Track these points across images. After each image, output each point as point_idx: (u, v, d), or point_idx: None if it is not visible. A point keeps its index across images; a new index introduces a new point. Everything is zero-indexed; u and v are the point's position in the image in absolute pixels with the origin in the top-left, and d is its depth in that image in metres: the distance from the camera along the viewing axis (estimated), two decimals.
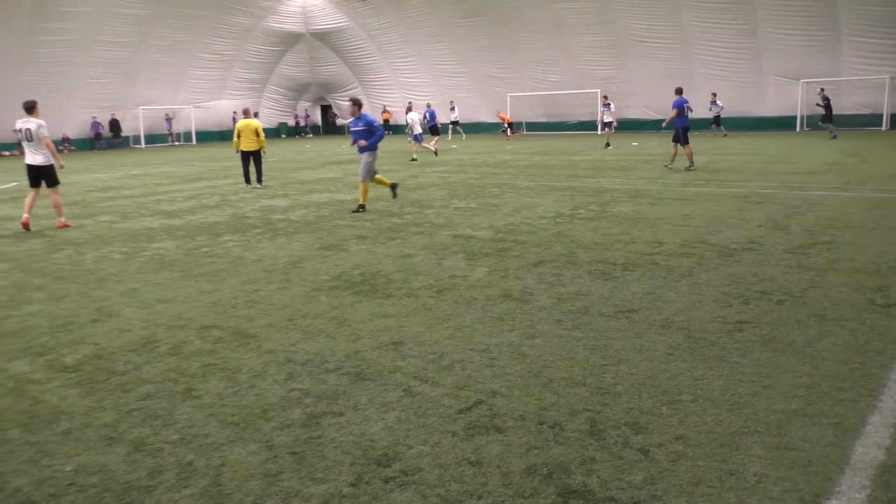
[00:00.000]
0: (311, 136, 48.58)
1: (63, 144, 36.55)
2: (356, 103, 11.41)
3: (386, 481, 3.05)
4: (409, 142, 24.32)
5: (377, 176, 11.54)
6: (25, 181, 11.27)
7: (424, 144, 24.10)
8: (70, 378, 4.45)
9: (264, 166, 17.13)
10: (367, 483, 3.04)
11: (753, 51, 31.38)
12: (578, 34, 35.28)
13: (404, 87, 43.65)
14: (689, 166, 16.12)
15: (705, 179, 14.11)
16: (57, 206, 11.05)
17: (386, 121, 42.54)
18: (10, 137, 34.87)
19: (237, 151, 15.96)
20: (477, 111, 41.48)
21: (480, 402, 3.84)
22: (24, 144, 10.85)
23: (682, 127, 16.23)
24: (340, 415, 3.74)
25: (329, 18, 43.40)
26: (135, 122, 39.97)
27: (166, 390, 4.19)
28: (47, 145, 10.79)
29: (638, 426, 3.47)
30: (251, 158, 15.94)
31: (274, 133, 47.31)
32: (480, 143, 31.36)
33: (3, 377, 4.50)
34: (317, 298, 6.12)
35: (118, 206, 13.23)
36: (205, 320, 5.59)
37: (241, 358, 4.69)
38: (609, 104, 26.98)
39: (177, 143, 42.36)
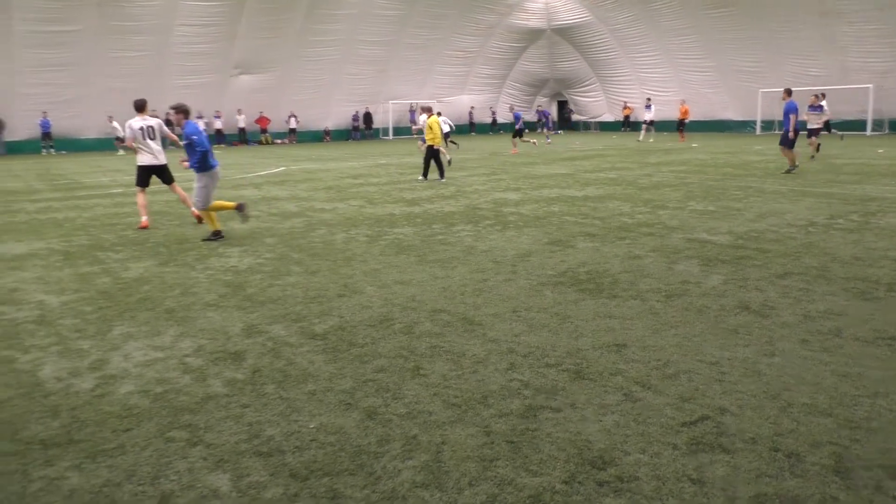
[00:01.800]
0: (543, 132, 48.83)
1: (326, 135, 40.75)
2: (179, 110, 9.29)
3: (600, 484, 3.00)
4: (420, 145, 23.17)
5: (216, 202, 9.48)
6: (297, 166, 12.59)
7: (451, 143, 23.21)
8: (318, 345, 4.95)
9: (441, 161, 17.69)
10: (580, 483, 3.01)
11: None
12: (849, 23, 31.48)
13: (643, 83, 42.22)
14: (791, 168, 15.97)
15: None
16: (187, 199, 10.89)
17: (626, 117, 41.54)
18: (280, 128, 39.63)
19: (425, 148, 16.71)
20: (724, 108, 38.86)
21: (706, 417, 3.61)
22: (145, 143, 10.45)
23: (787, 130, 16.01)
24: (558, 411, 3.74)
25: (571, 14, 43.28)
26: (384, 116, 43.19)
27: (397, 366, 4.49)
28: (175, 140, 10.83)
29: None
30: (435, 153, 16.59)
31: (510, 127, 48.30)
32: (723, 143, 29.34)
33: (264, 338, 5.14)
34: (542, 292, 6.17)
35: (366, 192, 14.41)
36: (435, 304, 5.90)
37: (466, 343, 4.88)
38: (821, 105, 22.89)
39: (418, 135, 45.01)
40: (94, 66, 31.95)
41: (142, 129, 10.40)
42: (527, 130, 28.84)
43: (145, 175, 10.59)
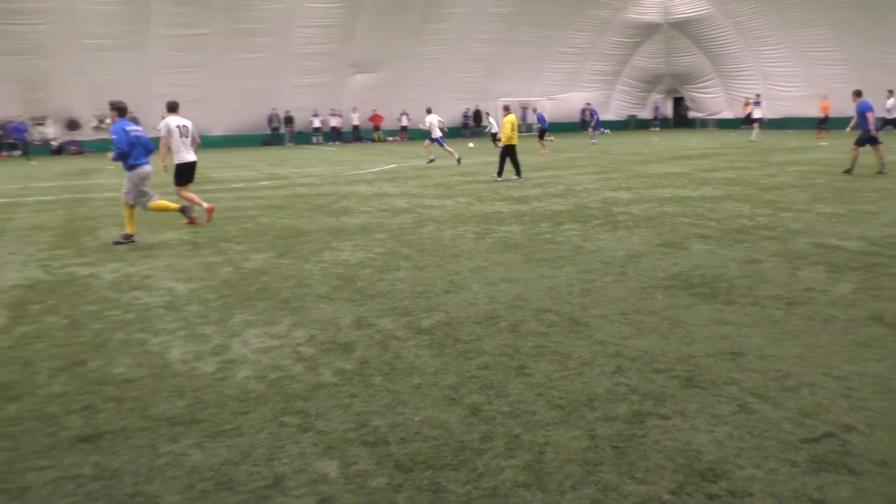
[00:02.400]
0: (658, 129, 47.33)
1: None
2: (113, 107, 9.57)
3: (710, 497, 2.88)
4: (425, 144, 22.55)
5: (156, 202, 9.71)
6: (407, 163, 12.82)
7: (447, 148, 21.75)
8: (424, 339, 5.03)
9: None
10: (688, 494, 2.90)
11: None
12: None
13: (768, 77, 40.07)
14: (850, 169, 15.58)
15: None
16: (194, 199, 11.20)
17: (749, 115, 39.54)
18: (393, 125, 40.51)
19: (502, 146, 16.47)
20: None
21: (831, 434, 3.39)
22: (182, 141, 10.98)
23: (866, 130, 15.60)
24: (666, 418, 3.62)
25: (690, 6, 41.67)
26: (494, 113, 43.20)
27: (502, 364, 4.49)
28: (198, 143, 11.48)
29: None
30: (511, 151, 16.36)
31: (622, 126, 47.23)
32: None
33: (373, 331, 5.27)
34: (652, 295, 5.99)
35: (474, 190, 14.48)
36: (541, 303, 5.85)
37: (572, 344, 4.81)
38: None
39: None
40: (220, 67, 33.85)
41: (178, 127, 11.01)
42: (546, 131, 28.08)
43: (187, 172, 11.26)
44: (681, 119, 49.46)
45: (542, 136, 27.25)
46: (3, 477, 3.24)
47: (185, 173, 11.24)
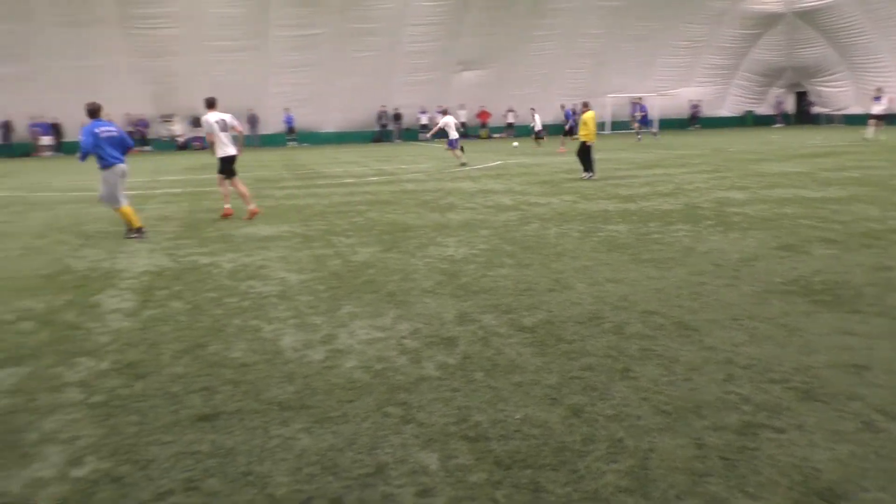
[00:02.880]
0: (780, 125, 44.82)
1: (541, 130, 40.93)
2: (87, 108, 9.76)
3: None
4: (447, 148, 21.47)
5: (126, 208, 9.81)
6: (513, 160, 12.80)
7: (457, 153, 20.68)
8: (526, 337, 5.01)
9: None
10: None
11: None
12: None
13: None
14: None
15: None
16: (245, 195, 11.51)
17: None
18: (499, 122, 40.47)
19: (587, 144, 16.14)
20: None
21: None
22: (221, 135, 11.19)
23: None
24: (781, 431, 3.44)
25: None
26: (601, 110, 42.27)
27: (605, 366, 4.41)
28: (240, 133, 11.62)
29: None
30: (587, 149, 15.99)
31: (737, 122, 45.12)
32: None
33: (475, 327, 5.30)
34: (767, 301, 5.69)
35: (580, 188, 14.26)
36: (648, 305, 5.69)
37: (680, 349, 4.65)
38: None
39: (643, 132, 43.21)
40: (333, 66, 34.97)
41: (217, 122, 11.18)
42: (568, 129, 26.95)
43: (228, 165, 11.35)
44: (804, 115, 46.59)
45: (569, 133, 26.60)
46: (131, 449, 3.50)
47: (226, 165, 11.37)
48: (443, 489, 3.06)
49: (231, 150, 11.36)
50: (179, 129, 35.90)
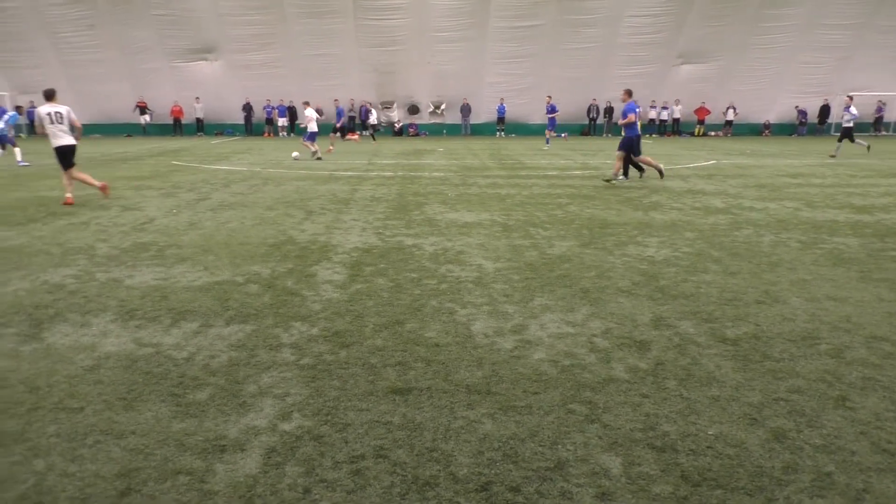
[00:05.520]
0: None
1: (765, 129, 37.90)
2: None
3: None
4: (304, 142, 21.73)
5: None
6: (729, 160, 11.95)
7: (307, 144, 21.34)
8: (727, 350, 4.69)
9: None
10: None
11: None
12: None
13: None
14: None
15: None
16: (79, 180, 11.73)
17: None
18: (717, 119, 38.05)
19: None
20: None
21: None
22: (50, 128, 11.28)
23: None
24: None
25: None
26: (836, 109, 38.08)
27: (818, 391, 4.00)
28: (78, 126, 11.74)
29: None
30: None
31: None
32: None
33: (671, 332, 5.06)
34: None
35: (805, 194, 13.01)
36: (876, 330, 5.07)
37: None
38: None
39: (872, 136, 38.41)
40: (549, 57, 34.94)
41: (48, 114, 11.26)
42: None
43: (61, 156, 11.50)
44: None
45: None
46: (331, 411, 3.80)
47: (60, 156, 11.54)
48: (623, 496, 2.97)
49: (63, 141, 11.48)
50: (397, 115, 38.07)
